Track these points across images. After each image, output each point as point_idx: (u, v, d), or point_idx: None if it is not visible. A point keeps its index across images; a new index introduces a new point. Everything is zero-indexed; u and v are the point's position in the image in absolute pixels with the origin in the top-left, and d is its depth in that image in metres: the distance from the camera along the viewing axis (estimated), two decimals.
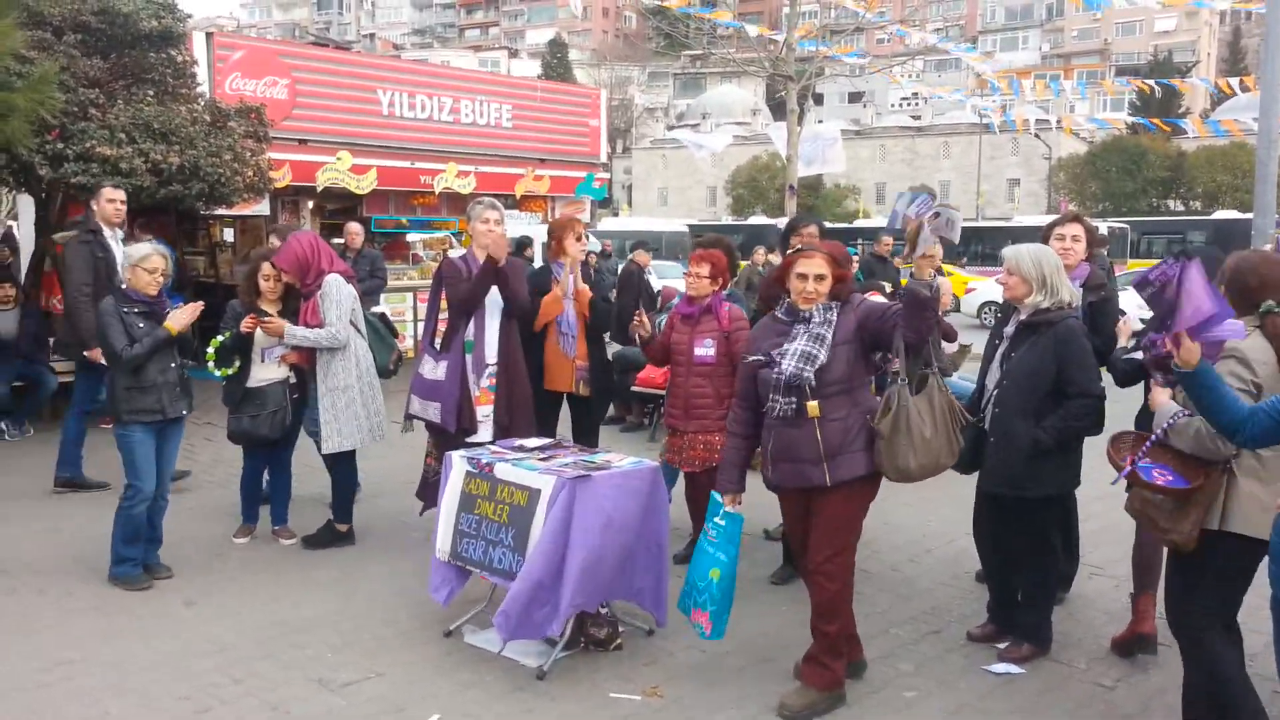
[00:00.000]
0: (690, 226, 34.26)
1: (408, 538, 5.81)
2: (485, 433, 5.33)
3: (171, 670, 4.17)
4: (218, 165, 8.84)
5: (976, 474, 4.50)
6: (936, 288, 3.65)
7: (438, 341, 5.45)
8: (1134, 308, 5.39)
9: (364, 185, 12.62)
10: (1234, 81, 23.68)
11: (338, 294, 5.47)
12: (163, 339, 5.05)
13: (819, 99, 64.68)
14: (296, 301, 5.64)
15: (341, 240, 10.47)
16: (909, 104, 67.58)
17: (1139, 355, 4.02)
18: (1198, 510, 3.34)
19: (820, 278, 3.82)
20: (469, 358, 5.36)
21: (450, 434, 5.27)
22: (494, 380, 5.42)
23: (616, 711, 3.86)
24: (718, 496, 4.03)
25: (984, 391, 4.42)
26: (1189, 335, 2.98)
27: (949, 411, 3.84)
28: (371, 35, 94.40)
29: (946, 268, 12.75)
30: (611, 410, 9.13)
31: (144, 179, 8.32)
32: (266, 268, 5.66)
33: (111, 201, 6.95)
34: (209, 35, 11.79)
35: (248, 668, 4.20)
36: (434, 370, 5.37)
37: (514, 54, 77.97)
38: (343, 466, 5.73)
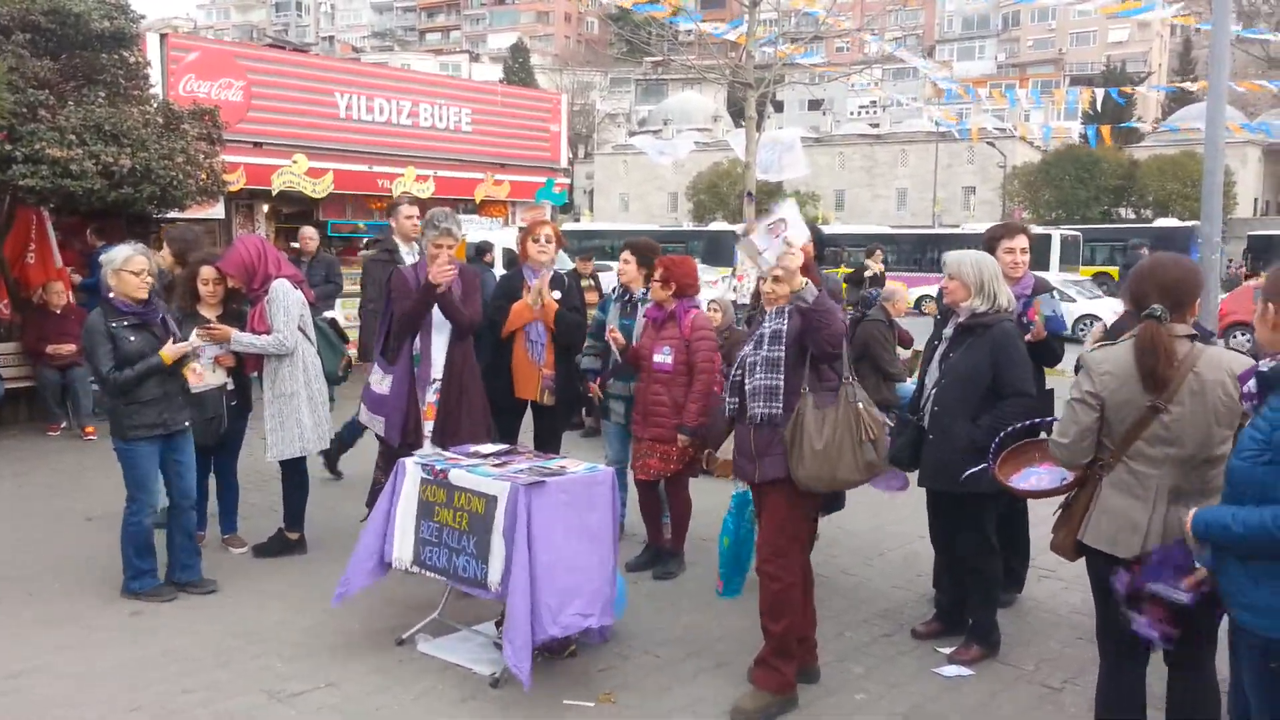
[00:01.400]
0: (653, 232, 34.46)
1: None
2: (431, 447, 5.29)
3: (122, 681, 4.10)
4: (170, 168, 8.73)
5: None
6: (817, 297, 3.65)
7: (389, 352, 5.40)
8: (1108, 313, 5.50)
9: (320, 189, 12.50)
10: (1189, 85, 24.20)
11: (285, 299, 5.40)
12: (154, 367, 4.88)
13: (779, 106, 65.09)
14: (237, 305, 5.57)
15: (297, 245, 10.37)
16: (867, 112, 68.23)
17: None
18: (1074, 520, 3.26)
19: (778, 279, 3.82)
20: (416, 371, 5.31)
21: (395, 448, 5.23)
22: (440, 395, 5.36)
23: (570, 718, 3.86)
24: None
25: (923, 391, 4.51)
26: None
27: (854, 424, 3.78)
28: (330, 38, 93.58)
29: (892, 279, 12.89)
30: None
31: (94, 181, 8.19)
32: (206, 272, 5.55)
33: (410, 218, 6.90)
34: (163, 36, 11.63)
35: (199, 679, 4.14)
36: (381, 383, 5.34)
37: (475, 58, 77.59)
38: (293, 474, 5.66)
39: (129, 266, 4.92)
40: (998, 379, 4.23)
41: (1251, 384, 2.65)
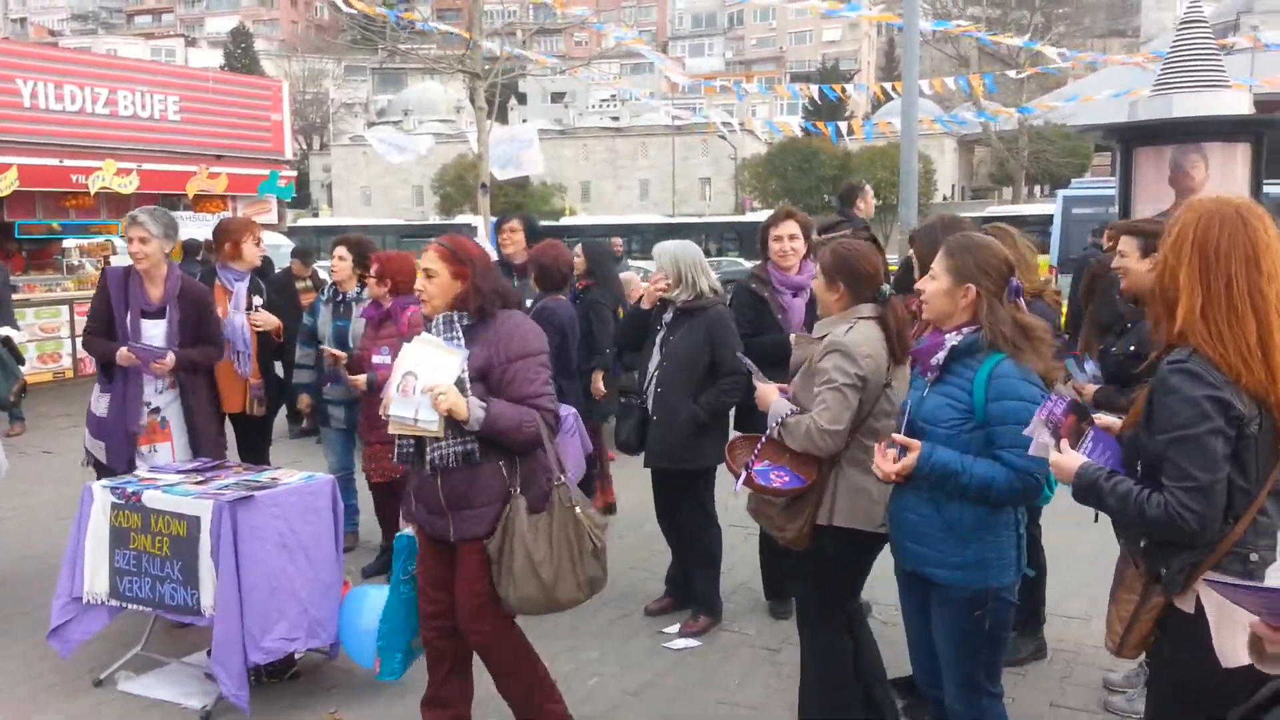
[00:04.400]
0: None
1: (54, 582, 5.18)
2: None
3: None
4: None
5: None
6: (483, 420, 3.06)
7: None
8: None
9: (3, 186, 11.16)
10: (887, 86, 26.33)
11: None
12: None
13: (522, 98, 65.04)
14: None
15: None
16: (608, 105, 69.57)
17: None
18: (809, 508, 3.23)
19: (429, 274, 3.19)
20: (127, 391, 4.68)
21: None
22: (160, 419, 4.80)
23: None
24: (407, 531, 3.54)
25: (646, 374, 4.66)
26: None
27: (574, 531, 3.19)
28: (23, 20, 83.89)
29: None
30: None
31: None
32: None
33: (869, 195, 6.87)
34: None
35: None
36: (99, 403, 4.74)
37: (192, 43, 72.20)
38: None
39: None
40: (715, 359, 4.46)
41: (940, 356, 2.74)
